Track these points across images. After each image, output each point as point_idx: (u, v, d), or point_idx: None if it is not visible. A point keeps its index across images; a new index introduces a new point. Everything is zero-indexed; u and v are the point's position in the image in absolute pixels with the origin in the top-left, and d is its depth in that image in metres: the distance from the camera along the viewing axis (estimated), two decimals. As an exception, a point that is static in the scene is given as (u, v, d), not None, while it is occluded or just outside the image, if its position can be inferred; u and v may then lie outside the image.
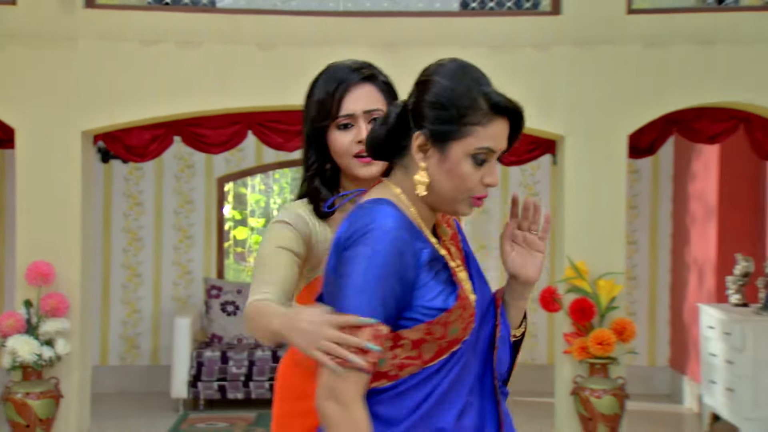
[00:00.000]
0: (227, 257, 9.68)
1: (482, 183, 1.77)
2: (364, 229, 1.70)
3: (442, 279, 1.77)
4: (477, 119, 1.74)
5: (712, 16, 5.37)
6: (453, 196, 1.78)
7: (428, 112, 1.76)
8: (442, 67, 1.80)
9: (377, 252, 1.68)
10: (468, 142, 1.74)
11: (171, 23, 5.31)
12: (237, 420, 6.81)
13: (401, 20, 5.40)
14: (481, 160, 1.75)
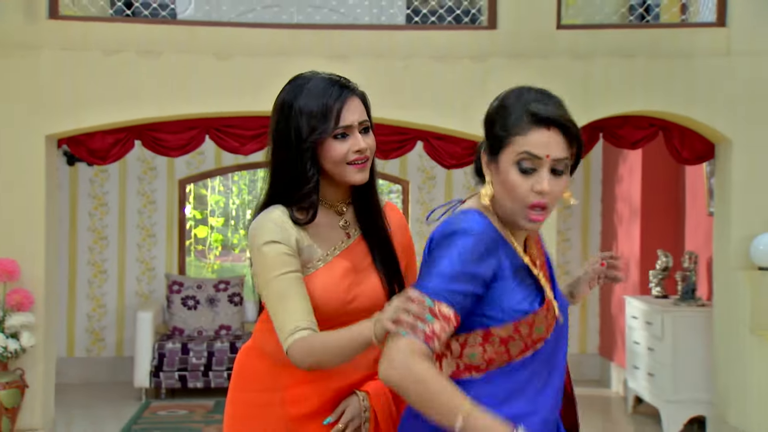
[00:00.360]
0: (188, 255, 9.61)
1: (533, 191, 1.79)
2: (452, 230, 1.79)
3: (527, 284, 1.85)
4: (517, 129, 1.79)
5: (634, 32, 5.46)
6: (510, 208, 1.82)
7: (485, 129, 1.87)
8: (503, 92, 1.89)
9: (459, 250, 1.76)
10: (511, 150, 1.80)
11: (132, 34, 5.26)
12: (197, 408, 6.78)
13: (350, 33, 5.41)
14: (526, 168, 1.79)
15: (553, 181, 1.80)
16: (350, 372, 2.03)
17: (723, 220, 5.42)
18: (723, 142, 5.44)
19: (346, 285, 1.99)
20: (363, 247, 2.06)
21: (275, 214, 2.00)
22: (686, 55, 5.37)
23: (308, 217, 2.00)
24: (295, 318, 1.91)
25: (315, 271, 1.99)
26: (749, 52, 5.34)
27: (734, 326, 5.26)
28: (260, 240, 1.97)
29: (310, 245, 1.99)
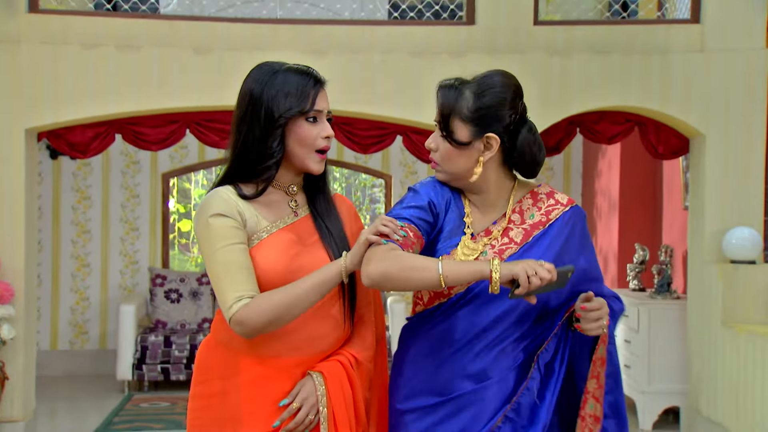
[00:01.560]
0: (172, 248, 9.61)
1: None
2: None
3: (455, 237, 2.09)
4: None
5: (610, 28, 5.50)
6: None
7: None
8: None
9: (407, 194, 2.14)
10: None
11: (112, 28, 5.26)
12: (179, 400, 6.80)
13: (329, 28, 5.42)
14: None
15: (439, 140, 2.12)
16: (304, 348, 2.04)
17: (697, 214, 5.48)
18: (697, 137, 5.49)
19: (290, 255, 2.02)
20: (310, 225, 2.11)
21: (221, 190, 2.05)
22: (661, 51, 5.41)
23: (257, 191, 2.06)
24: (239, 288, 1.95)
25: (260, 241, 2.02)
26: (723, 49, 5.39)
27: (707, 319, 5.32)
28: (207, 213, 2.02)
29: (255, 217, 2.04)
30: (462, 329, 2.08)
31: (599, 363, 2.09)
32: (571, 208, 2.16)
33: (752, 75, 5.36)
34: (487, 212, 2.14)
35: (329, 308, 2.07)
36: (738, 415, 4.90)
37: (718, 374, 5.15)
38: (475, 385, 2.07)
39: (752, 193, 5.33)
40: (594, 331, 2.01)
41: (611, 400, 2.14)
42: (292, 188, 2.13)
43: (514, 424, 2.06)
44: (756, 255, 5.15)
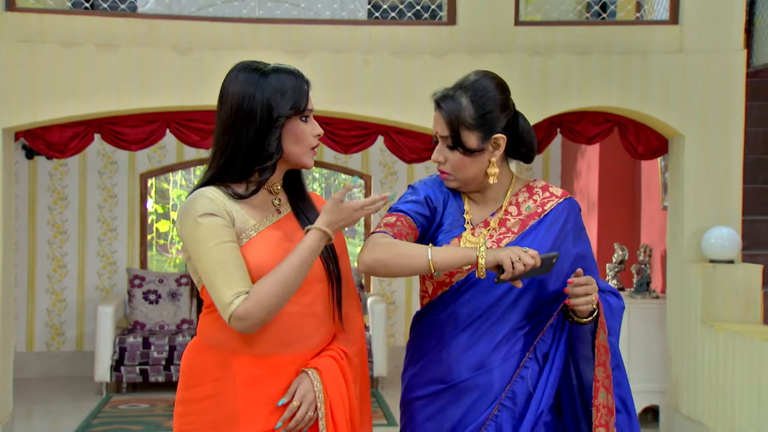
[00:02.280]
0: (150, 249, 9.55)
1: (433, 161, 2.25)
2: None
3: (454, 230, 2.19)
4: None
5: (590, 29, 5.52)
6: None
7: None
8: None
9: (406, 191, 2.26)
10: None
11: (91, 27, 5.22)
12: (158, 401, 6.75)
13: (310, 27, 5.41)
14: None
15: (447, 152, 2.18)
16: (295, 345, 2.05)
17: (676, 214, 5.52)
18: (676, 138, 5.53)
19: (279, 252, 2.04)
20: (294, 222, 2.13)
21: (206, 190, 2.05)
22: (641, 52, 5.45)
23: (249, 192, 2.07)
24: (236, 285, 1.95)
25: (249, 240, 2.04)
26: (701, 50, 5.44)
27: (686, 318, 5.36)
28: (195, 213, 2.00)
29: (243, 216, 2.05)
30: (463, 315, 2.16)
31: (603, 351, 2.13)
32: (565, 199, 2.24)
33: (730, 76, 5.41)
34: (486, 206, 2.24)
35: (316, 305, 2.09)
36: (717, 413, 4.94)
37: (698, 373, 5.19)
38: (474, 373, 2.14)
39: (730, 193, 5.38)
40: (582, 306, 2.07)
41: (620, 393, 2.19)
42: (275, 187, 2.15)
43: (511, 411, 2.13)
44: (734, 254, 5.20)
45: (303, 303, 2.06)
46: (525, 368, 2.14)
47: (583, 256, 2.22)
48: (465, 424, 2.14)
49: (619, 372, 2.19)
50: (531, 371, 2.14)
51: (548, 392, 2.13)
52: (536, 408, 2.12)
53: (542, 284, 2.16)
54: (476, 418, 2.13)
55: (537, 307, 2.18)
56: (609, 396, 2.13)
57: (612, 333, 2.18)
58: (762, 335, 4.58)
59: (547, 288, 2.17)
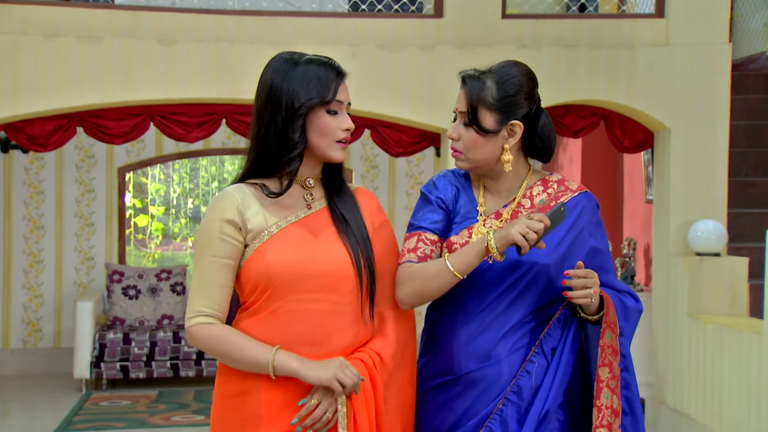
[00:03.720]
0: (128, 244, 9.45)
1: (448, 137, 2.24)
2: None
3: (465, 222, 2.21)
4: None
5: (576, 22, 5.54)
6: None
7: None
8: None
9: (425, 192, 2.27)
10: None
11: (73, 18, 5.13)
12: (140, 398, 6.70)
13: (297, 20, 5.37)
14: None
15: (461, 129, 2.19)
16: (323, 344, 2.03)
17: (662, 207, 5.55)
18: (662, 131, 5.57)
19: (299, 250, 2.02)
20: (325, 217, 2.10)
21: (231, 190, 2.06)
22: (627, 45, 5.47)
23: (282, 188, 2.04)
24: (205, 303, 2.02)
25: (269, 237, 2.02)
26: (687, 43, 5.47)
27: (672, 311, 5.40)
28: (211, 214, 2.05)
29: (262, 214, 2.03)
30: (471, 305, 2.16)
31: (609, 351, 2.11)
32: (580, 193, 2.23)
33: (715, 69, 5.45)
34: (500, 196, 2.24)
35: (345, 303, 2.05)
36: (704, 405, 4.99)
37: (684, 365, 5.24)
38: (480, 364, 2.13)
39: (716, 185, 5.42)
40: (579, 299, 2.06)
41: (628, 395, 2.17)
42: (308, 182, 2.11)
43: (516, 406, 2.11)
44: (720, 247, 5.24)
45: (331, 300, 2.03)
46: (531, 363, 2.13)
47: (598, 251, 2.20)
48: (470, 415, 2.13)
49: (628, 374, 2.18)
50: (537, 366, 2.13)
51: (556, 388, 2.11)
52: (542, 404, 2.11)
53: (551, 277, 2.14)
54: (480, 411, 2.12)
55: (546, 301, 2.16)
56: (614, 397, 2.12)
57: (624, 334, 2.16)
58: (750, 328, 4.62)
59: (556, 281, 2.15)
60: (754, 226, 5.86)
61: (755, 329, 4.53)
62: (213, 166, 10.98)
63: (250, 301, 2.05)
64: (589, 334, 2.16)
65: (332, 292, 2.03)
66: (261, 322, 2.03)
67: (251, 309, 2.05)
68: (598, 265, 2.19)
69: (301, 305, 2.01)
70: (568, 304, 2.15)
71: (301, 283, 2.01)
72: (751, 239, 5.83)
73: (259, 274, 2.01)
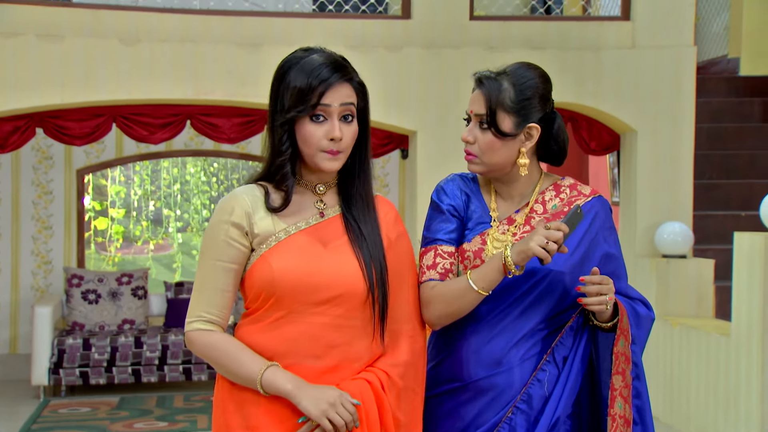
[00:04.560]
0: (88, 247, 9.30)
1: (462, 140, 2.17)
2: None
3: (478, 228, 2.18)
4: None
5: (543, 24, 5.56)
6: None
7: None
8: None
9: (430, 205, 2.23)
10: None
11: (32, 16, 5.02)
12: (100, 405, 6.57)
13: (263, 20, 5.31)
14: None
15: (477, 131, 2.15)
16: (325, 357, 1.95)
17: (629, 210, 5.59)
18: (628, 133, 5.61)
19: (306, 259, 1.94)
20: (338, 226, 2.00)
21: (240, 192, 1.99)
22: (594, 48, 5.50)
23: (282, 202, 1.96)
24: (205, 308, 1.97)
25: (276, 243, 1.95)
26: (653, 46, 5.52)
27: (640, 312, 5.44)
28: (217, 215, 1.99)
29: (270, 219, 1.96)
30: (484, 310, 2.12)
31: (623, 359, 2.08)
32: (594, 198, 2.19)
33: (681, 72, 5.51)
34: (512, 201, 2.20)
35: (350, 319, 1.95)
36: (672, 407, 5.03)
37: (651, 367, 5.27)
38: (491, 371, 2.10)
39: (682, 188, 5.48)
40: (594, 306, 2.03)
41: (639, 404, 2.14)
42: (319, 188, 2.01)
43: (526, 415, 2.09)
44: (687, 249, 5.29)
45: (334, 314, 1.94)
46: (542, 371, 2.10)
47: (611, 256, 2.17)
48: (478, 424, 2.10)
49: (639, 383, 2.14)
50: (549, 374, 2.10)
51: (566, 398, 2.09)
52: (552, 413, 2.07)
53: (566, 284, 2.11)
54: (489, 419, 2.09)
55: (560, 309, 2.13)
56: (627, 406, 2.08)
57: (636, 342, 2.13)
58: (717, 329, 4.67)
59: (571, 288, 2.12)
60: (718, 228, 5.93)
61: (723, 331, 4.58)
62: (175, 168, 10.85)
63: (253, 308, 1.98)
64: (599, 343, 2.13)
65: (338, 305, 1.94)
66: (262, 331, 1.95)
67: (254, 316, 1.98)
68: (611, 271, 2.16)
69: (304, 317, 1.93)
70: (581, 311, 2.12)
71: (305, 294, 1.93)
72: (716, 241, 5.89)
73: (262, 281, 1.93)
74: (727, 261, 5.19)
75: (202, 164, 10.94)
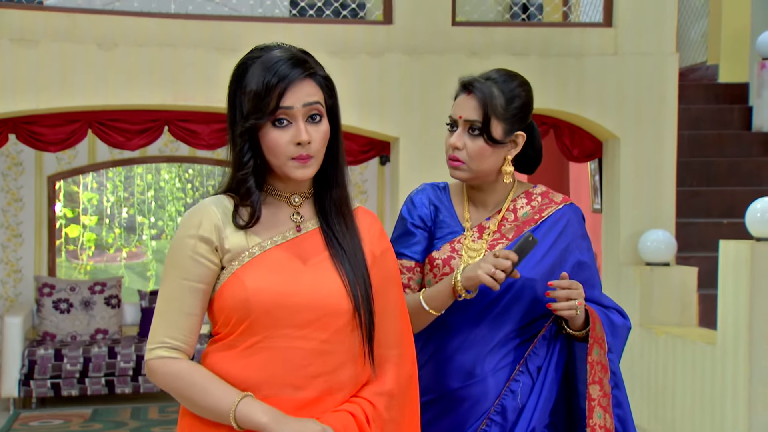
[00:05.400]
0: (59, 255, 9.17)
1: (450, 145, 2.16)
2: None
3: (445, 238, 2.18)
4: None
5: (526, 30, 5.57)
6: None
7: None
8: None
9: (403, 214, 2.23)
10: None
11: (5, 20, 4.94)
12: (73, 417, 6.48)
13: (242, 25, 5.27)
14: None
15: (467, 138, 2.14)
16: (307, 388, 1.77)
17: (612, 217, 5.61)
18: (611, 140, 5.63)
19: (282, 277, 1.75)
20: (317, 241, 1.82)
21: (208, 202, 1.81)
22: (576, 54, 5.52)
23: (248, 218, 1.77)
24: (168, 331, 1.77)
25: (250, 260, 1.76)
26: (635, 53, 5.55)
27: (623, 320, 5.46)
28: (182, 229, 1.80)
29: (243, 234, 1.78)
30: (454, 321, 2.13)
31: (599, 368, 2.08)
32: (565, 205, 2.20)
33: (663, 78, 5.54)
34: (485, 209, 2.22)
35: (336, 342, 1.77)
36: (657, 416, 5.04)
37: (635, 376, 5.29)
38: (465, 382, 2.09)
39: (665, 195, 5.51)
40: (564, 312, 2.03)
41: (620, 414, 2.14)
42: (294, 199, 1.83)
43: (500, 426, 2.08)
44: (670, 257, 5.32)
45: (319, 339, 1.75)
46: (515, 382, 2.09)
47: (583, 264, 2.18)
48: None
49: (619, 392, 2.14)
50: (522, 385, 2.09)
51: (541, 408, 2.08)
52: (527, 425, 2.07)
53: (537, 292, 2.11)
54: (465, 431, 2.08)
55: (532, 317, 2.13)
56: (607, 416, 2.08)
57: (613, 351, 2.13)
58: (702, 338, 4.69)
59: (542, 296, 2.12)
60: (700, 236, 5.97)
61: (709, 340, 4.60)
62: (149, 174, 10.74)
63: (224, 333, 1.78)
64: (576, 353, 2.13)
65: (321, 328, 1.75)
66: (235, 359, 1.75)
67: (225, 342, 1.78)
68: (585, 279, 2.16)
69: (283, 342, 1.74)
70: (554, 320, 2.12)
71: (284, 316, 1.74)
72: (698, 249, 5.93)
73: (235, 302, 1.74)
74: (710, 269, 5.22)
75: (177, 170, 10.84)
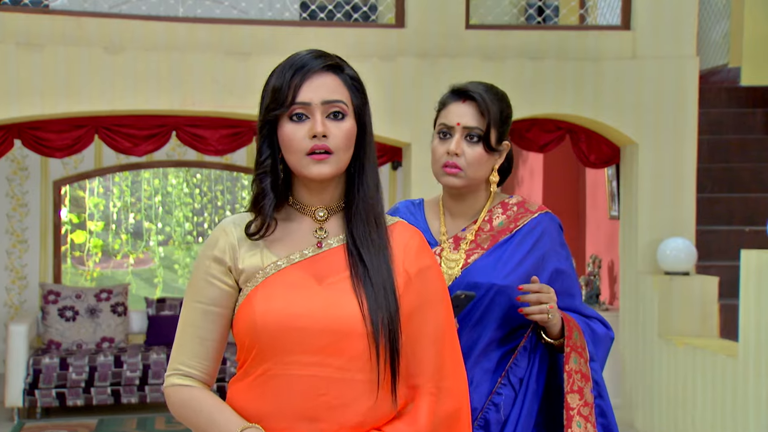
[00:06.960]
0: (64, 262, 9.21)
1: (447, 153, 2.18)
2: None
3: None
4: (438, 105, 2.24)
5: (541, 33, 5.56)
6: (434, 171, 2.22)
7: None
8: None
9: None
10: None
11: (12, 24, 4.97)
12: (78, 427, 6.49)
13: (251, 28, 5.28)
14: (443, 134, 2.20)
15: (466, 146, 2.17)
16: (323, 420, 1.67)
17: (629, 225, 5.59)
18: (629, 146, 5.61)
19: (293, 298, 1.66)
20: (339, 259, 1.71)
21: (232, 221, 1.77)
22: (594, 58, 5.51)
23: (260, 226, 1.70)
24: (183, 358, 1.74)
25: (264, 280, 1.69)
26: (654, 56, 5.53)
27: (642, 331, 5.44)
28: (202, 248, 1.77)
29: (259, 252, 1.72)
30: None
31: (578, 377, 2.09)
32: (540, 214, 2.23)
33: (683, 82, 5.52)
34: (462, 219, 2.25)
35: (354, 371, 1.65)
36: (677, 428, 5.02)
37: (655, 387, 5.27)
38: None
39: (684, 202, 5.48)
40: (535, 315, 2.06)
41: (605, 423, 2.16)
42: (318, 213, 1.73)
43: None
44: (690, 266, 5.29)
45: (334, 366, 1.64)
46: (498, 395, 2.11)
47: (562, 272, 2.20)
48: None
49: (603, 401, 2.16)
50: (505, 397, 2.11)
51: (524, 420, 2.10)
52: None
53: (513, 301, 2.12)
54: None
55: (510, 327, 2.15)
56: (589, 425, 2.08)
57: (596, 360, 2.16)
58: (723, 350, 4.67)
59: (517, 305, 2.14)
60: (721, 244, 5.94)
61: (730, 352, 4.58)
62: (156, 179, 10.77)
63: (241, 360, 1.72)
64: (559, 364, 2.15)
65: (336, 354, 1.64)
66: (248, 389, 1.68)
67: (243, 370, 1.71)
68: (563, 288, 2.19)
69: (294, 369, 1.64)
70: (534, 330, 2.14)
71: (294, 341, 1.64)
72: (719, 257, 5.90)
73: (246, 325, 1.67)
74: (732, 278, 5.20)
75: (185, 175, 10.87)
